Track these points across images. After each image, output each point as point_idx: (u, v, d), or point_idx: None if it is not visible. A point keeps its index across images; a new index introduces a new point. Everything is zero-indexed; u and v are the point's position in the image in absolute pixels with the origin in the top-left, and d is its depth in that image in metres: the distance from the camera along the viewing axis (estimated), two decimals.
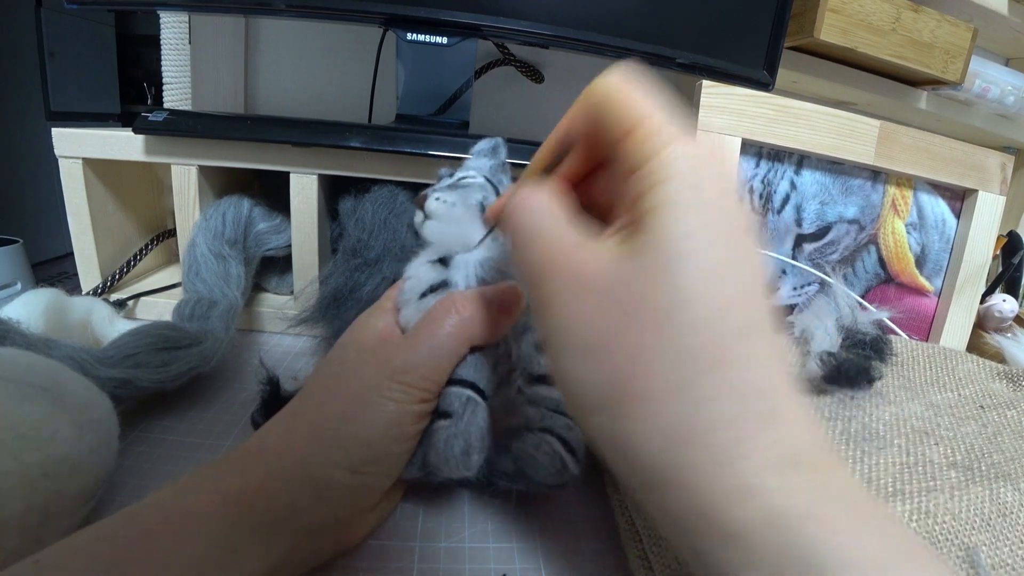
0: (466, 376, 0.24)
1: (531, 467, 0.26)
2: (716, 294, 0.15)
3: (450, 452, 0.23)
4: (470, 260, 0.27)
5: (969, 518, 0.26)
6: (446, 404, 0.24)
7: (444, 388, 0.24)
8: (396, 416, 0.22)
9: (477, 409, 0.24)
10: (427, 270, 0.27)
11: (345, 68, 0.67)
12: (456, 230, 0.27)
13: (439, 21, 0.46)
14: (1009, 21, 0.64)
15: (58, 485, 0.22)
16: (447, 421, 0.24)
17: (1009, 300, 0.59)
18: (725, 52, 0.50)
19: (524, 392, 0.27)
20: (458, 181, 0.29)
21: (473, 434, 0.24)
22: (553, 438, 0.26)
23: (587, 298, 0.17)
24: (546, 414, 0.26)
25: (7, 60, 0.64)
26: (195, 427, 0.33)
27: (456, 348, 0.23)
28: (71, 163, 0.45)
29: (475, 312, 0.24)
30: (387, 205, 0.43)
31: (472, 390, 0.24)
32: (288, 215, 0.46)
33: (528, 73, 0.67)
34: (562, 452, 0.26)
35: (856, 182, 0.54)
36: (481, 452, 0.24)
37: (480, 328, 0.24)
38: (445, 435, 0.23)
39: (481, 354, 0.25)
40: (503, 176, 0.30)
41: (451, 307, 0.24)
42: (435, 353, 0.23)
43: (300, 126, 0.44)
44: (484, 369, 0.25)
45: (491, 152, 0.31)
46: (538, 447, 0.26)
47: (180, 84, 0.62)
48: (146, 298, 0.47)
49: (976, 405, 0.39)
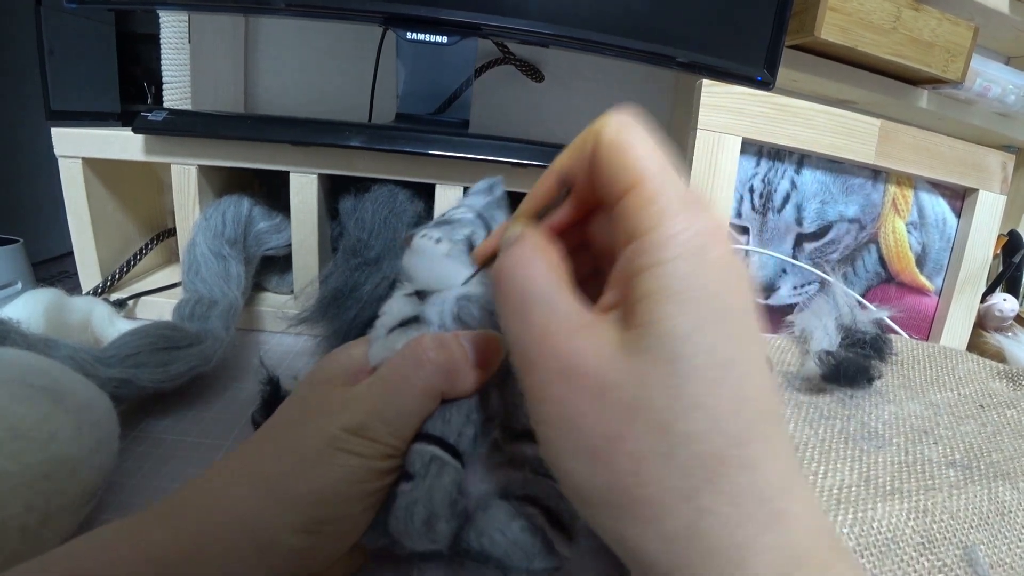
0: (432, 431, 0.21)
1: (495, 548, 0.20)
2: (717, 402, 0.15)
3: (410, 521, 0.20)
4: (448, 297, 0.24)
5: (967, 517, 0.26)
6: (409, 464, 0.21)
7: (410, 444, 0.21)
8: (357, 473, 0.20)
9: (444, 470, 0.20)
10: (401, 304, 0.24)
11: (345, 68, 0.67)
12: (438, 266, 0.25)
13: (439, 20, 0.46)
14: (1010, 20, 0.64)
15: (58, 485, 0.22)
16: (409, 484, 0.20)
17: (1009, 299, 0.59)
18: (725, 51, 0.50)
19: (503, 449, 0.23)
20: (448, 217, 0.27)
21: (438, 500, 0.20)
22: (535, 510, 0.21)
23: (584, 396, 0.16)
24: (531, 479, 0.22)
25: (7, 60, 0.64)
26: (195, 427, 0.33)
27: (423, 402, 0.21)
28: (71, 163, 0.45)
29: (447, 361, 0.21)
30: (387, 204, 0.43)
31: (439, 447, 0.21)
32: (288, 214, 0.46)
33: (528, 72, 0.67)
34: (546, 528, 0.21)
35: (857, 181, 0.54)
36: (450, 520, 0.20)
37: (452, 379, 0.21)
38: (406, 501, 0.20)
39: (454, 404, 0.22)
40: (497, 212, 0.28)
41: (420, 353, 0.21)
42: (403, 405, 0.20)
43: (300, 125, 0.44)
44: (456, 422, 0.21)
45: (487, 190, 0.29)
46: (508, 524, 0.21)
47: (180, 83, 0.62)
48: (146, 298, 0.47)
49: (976, 404, 0.39)
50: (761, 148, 0.52)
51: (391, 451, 0.20)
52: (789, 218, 0.53)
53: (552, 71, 0.68)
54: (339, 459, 0.19)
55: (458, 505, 0.21)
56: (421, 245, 0.25)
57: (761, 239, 0.53)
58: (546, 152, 0.45)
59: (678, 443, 0.15)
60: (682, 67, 0.50)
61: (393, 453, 0.20)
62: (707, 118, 0.48)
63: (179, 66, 0.61)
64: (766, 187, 0.52)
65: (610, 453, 0.15)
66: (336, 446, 0.20)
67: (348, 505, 0.20)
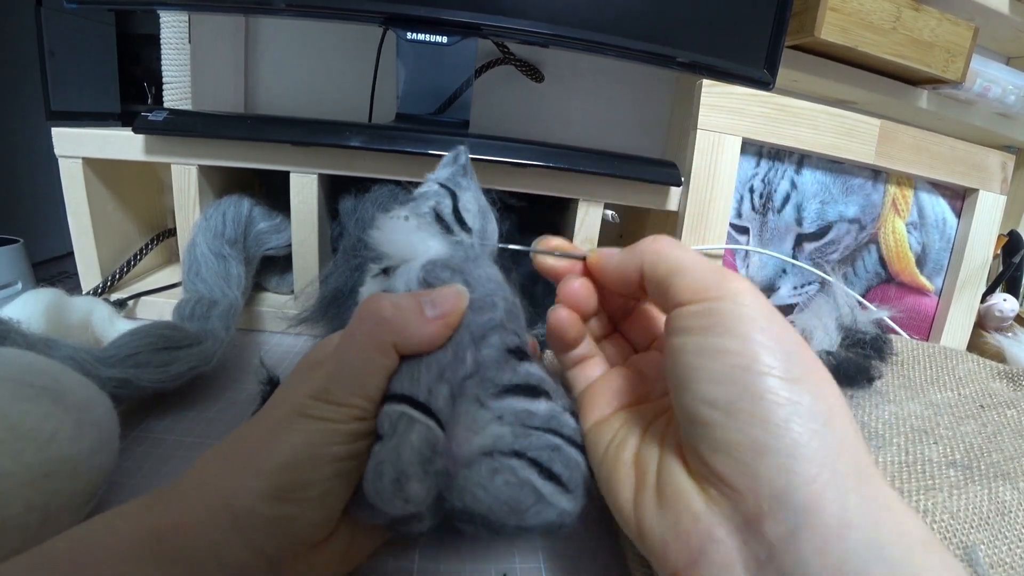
0: (399, 389, 0.21)
1: (478, 505, 0.20)
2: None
3: (379, 481, 0.19)
4: (414, 266, 0.24)
5: (968, 517, 0.26)
6: (378, 425, 0.20)
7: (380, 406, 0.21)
8: (322, 435, 0.20)
9: (412, 427, 0.20)
10: (369, 285, 0.25)
11: (345, 68, 0.67)
12: (407, 238, 0.25)
13: (439, 20, 0.46)
14: (1010, 20, 0.64)
15: (58, 485, 0.22)
16: (378, 445, 0.20)
17: (1009, 299, 0.59)
18: (725, 51, 0.50)
19: (488, 406, 0.22)
20: (414, 194, 0.28)
21: (405, 458, 0.19)
22: (523, 462, 0.21)
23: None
24: (520, 432, 0.21)
25: (7, 59, 0.64)
26: (195, 427, 0.33)
27: (376, 357, 0.21)
28: (71, 163, 0.45)
29: (396, 313, 0.21)
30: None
31: (408, 404, 0.20)
32: (288, 214, 0.46)
33: (528, 72, 0.67)
34: (535, 481, 0.20)
35: (856, 181, 0.54)
36: (423, 480, 0.20)
37: (403, 331, 0.21)
38: (374, 462, 0.20)
39: (422, 361, 0.21)
40: (462, 179, 0.29)
41: (369, 310, 0.21)
42: (354, 363, 0.20)
43: (300, 125, 0.44)
44: (426, 380, 0.21)
45: (452, 160, 0.30)
46: (490, 479, 0.20)
47: (180, 83, 0.62)
48: (146, 298, 0.47)
49: (976, 404, 0.39)
50: (761, 148, 0.52)
51: (358, 413, 0.20)
52: (789, 218, 0.53)
53: (552, 71, 0.68)
54: (302, 424, 0.20)
55: (432, 464, 0.20)
56: (389, 224, 0.26)
57: (761, 239, 0.53)
58: (546, 152, 0.45)
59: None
60: (682, 67, 0.50)
61: (362, 416, 0.20)
62: (707, 118, 0.48)
63: (179, 66, 0.61)
64: (766, 187, 0.52)
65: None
66: (299, 412, 0.20)
67: (316, 469, 0.20)
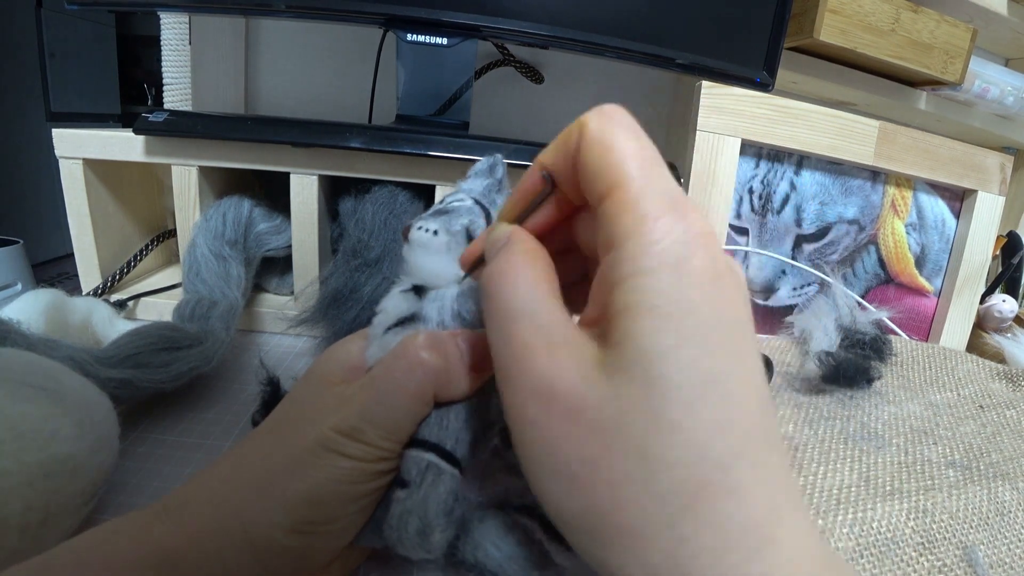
0: (428, 436, 0.20)
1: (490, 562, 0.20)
2: (697, 424, 0.14)
3: (404, 530, 0.19)
4: (448, 294, 0.23)
5: (967, 517, 0.26)
6: (404, 470, 0.20)
7: (404, 449, 0.20)
8: (348, 474, 0.19)
9: (440, 478, 0.20)
10: (397, 301, 0.23)
11: (345, 68, 0.67)
12: (436, 260, 0.24)
13: (439, 22, 0.46)
14: (1009, 21, 0.64)
15: (58, 485, 0.22)
16: (404, 492, 0.20)
17: (1009, 300, 0.59)
18: (725, 52, 0.50)
19: (502, 456, 0.21)
20: (445, 206, 0.26)
21: (432, 510, 0.19)
22: (532, 522, 0.20)
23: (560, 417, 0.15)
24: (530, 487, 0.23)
25: (7, 60, 0.64)
26: (195, 427, 0.33)
27: (414, 406, 0.20)
28: (71, 164, 0.45)
29: (440, 362, 0.20)
30: (387, 205, 0.43)
31: (435, 453, 0.20)
32: (288, 215, 0.46)
33: (528, 73, 0.67)
34: (544, 540, 0.20)
35: (856, 182, 0.55)
36: (445, 530, 0.20)
37: (445, 382, 0.20)
38: (400, 509, 0.20)
39: (452, 409, 0.21)
40: (498, 196, 0.27)
41: (412, 355, 0.20)
42: (393, 408, 0.20)
43: (300, 126, 0.44)
44: (453, 427, 0.21)
45: (487, 171, 0.28)
46: (504, 537, 0.20)
47: (180, 84, 0.62)
48: (146, 298, 0.47)
49: (975, 405, 0.39)
50: (760, 150, 0.52)
51: (384, 454, 0.20)
52: (788, 219, 0.53)
53: (552, 73, 0.68)
54: (329, 460, 0.19)
55: (454, 514, 0.20)
56: (418, 238, 0.24)
57: (760, 240, 0.53)
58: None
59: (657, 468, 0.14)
60: (682, 69, 0.50)
61: (386, 456, 0.20)
62: (706, 120, 0.49)
63: (179, 67, 0.61)
64: (765, 188, 0.53)
65: (587, 478, 0.14)
66: (327, 447, 0.19)
67: (340, 506, 0.19)
